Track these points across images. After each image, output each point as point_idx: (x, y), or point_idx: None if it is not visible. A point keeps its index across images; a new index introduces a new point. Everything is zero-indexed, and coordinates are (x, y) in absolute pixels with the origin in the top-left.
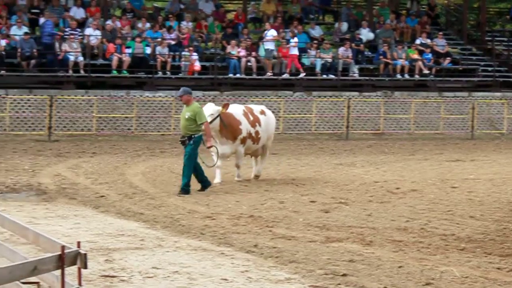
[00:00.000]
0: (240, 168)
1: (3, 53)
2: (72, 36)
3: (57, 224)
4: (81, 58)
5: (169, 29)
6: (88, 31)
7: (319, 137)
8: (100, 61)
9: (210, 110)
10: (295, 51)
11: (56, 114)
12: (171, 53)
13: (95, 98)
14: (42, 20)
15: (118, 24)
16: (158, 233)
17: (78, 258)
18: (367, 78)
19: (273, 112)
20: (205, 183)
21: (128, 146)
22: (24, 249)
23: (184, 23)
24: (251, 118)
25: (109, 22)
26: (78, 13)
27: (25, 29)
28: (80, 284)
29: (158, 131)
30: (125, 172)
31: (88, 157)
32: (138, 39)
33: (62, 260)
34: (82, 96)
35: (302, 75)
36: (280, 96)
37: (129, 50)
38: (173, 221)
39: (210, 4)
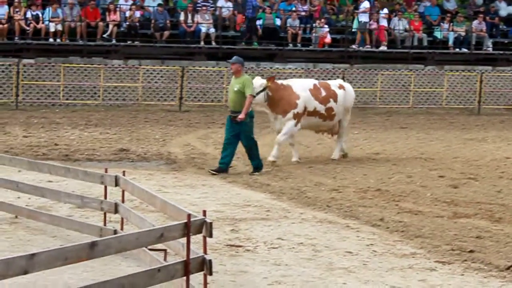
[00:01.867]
0: (279, 147)
1: (137, 24)
2: (204, 8)
3: (185, 193)
4: (212, 30)
5: (302, 1)
6: (220, 2)
7: (450, 112)
8: (231, 32)
9: (255, 84)
10: (384, 23)
11: (187, 85)
12: (302, 25)
13: (226, 70)
14: None
15: None
16: (284, 205)
17: (204, 227)
18: (501, 52)
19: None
20: (257, 165)
21: (256, 118)
22: (152, 216)
23: None
24: (324, 93)
25: None
26: None
27: (159, 0)
28: (205, 252)
29: None
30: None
31: (217, 127)
32: (268, 10)
33: (188, 228)
34: (213, 67)
35: (383, 47)
36: (411, 70)
37: (259, 22)
38: (299, 193)
39: None
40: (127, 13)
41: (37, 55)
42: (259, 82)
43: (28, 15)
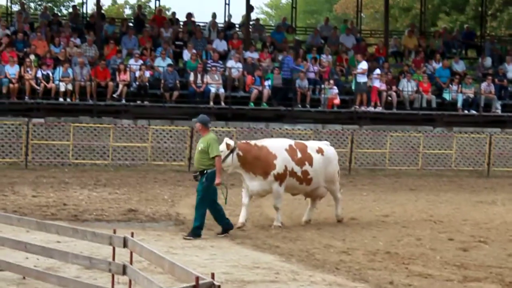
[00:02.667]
0: (279, 211)
1: (147, 84)
2: (214, 68)
3: (193, 254)
4: (222, 90)
5: (315, 60)
6: (230, 63)
7: (459, 174)
8: (241, 93)
9: (223, 145)
10: (376, 83)
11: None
12: (311, 86)
13: (235, 130)
14: (186, 53)
15: (256, 55)
16: (293, 267)
17: None
18: (510, 114)
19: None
20: (226, 226)
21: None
22: (161, 278)
23: (324, 56)
24: (299, 155)
25: (249, 54)
26: (220, 45)
27: (169, 60)
28: None
29: None
30: (262, 204)
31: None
32: (276, 71)
33: None
34: (222, 127)
35: (378, 108)
36: (420, 131)
37: (268, 82)
38: (308, 255)
39: (351, 37)
40: (137, 73)
41: (47, 114)
42: (228, 143)
43: (39, 74)
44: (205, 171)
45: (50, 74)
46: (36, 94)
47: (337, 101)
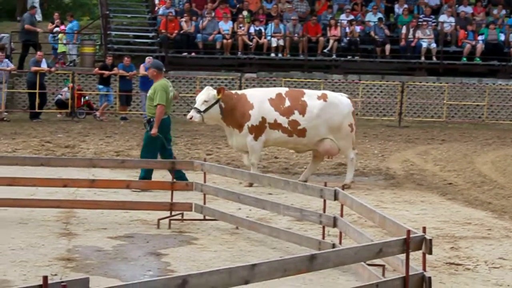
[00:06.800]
0: (254, 168)
1: (358, 39)
2: (425, 23)
3: (403, 209)
4: (434, 45)
5: None
6: (442, 17)
7: None
8: (453, 48)
9: (204, 96)
10: None
11: (407, 100)
12: None
13: (446, 85)
14: (397, 7)
15: (470, 10)
16: (506, 224)
17: (423, 244)
18: None
19: None
20: (143, 177)
21: (478, 135)
22: (371, 231)
23: None
24: (287, 104)
25: (463, 8)
26: (432, 0)
27: (380, 15)
28: (424, 269)
29: (510, 120)
30: (474, 160)
31: (437, 144)
32: (492, 26)
33: (407, 244)
34: (434, 83)
35: None
36: None
37: (481, 37)
38: None
39: None
40: (348, 29)
41: (259, 69)
42: (210, 94)
43: (251, 30)
44: (151, 119)
45: (262, 30)
46: (249, 50)
47: None
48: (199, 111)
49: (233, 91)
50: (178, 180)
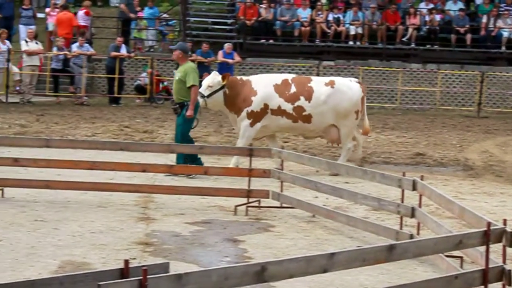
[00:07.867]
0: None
1: (437, 28)
2: (506, 12)
3: (482, 200)
4: None
5: None
6: None
7: None
8: None
9: (208, 81)
10: None
11: (487, 91)
12: None
13: None
14: None
15: None
16: None
17: (504, 236)
18: None
19: None
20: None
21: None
22: (449, 222)
23: None
24: (293, 90)
25: None
26: None
27: (460, 4)
28: (504, 262)
29: None
30: None
31: None
32: None
33: (487, 236)
34: None
35: None
36: None
37: None
38: None
39: None
40: (427, 17)
41: (337, 57)
42: (216, 79)
43: (330, 17)
44: (185, 103)
45: (341, 17)
46: (327, 37)
47: None
48: (202, 96)
49: (238, 77)
50: (193, 164)
